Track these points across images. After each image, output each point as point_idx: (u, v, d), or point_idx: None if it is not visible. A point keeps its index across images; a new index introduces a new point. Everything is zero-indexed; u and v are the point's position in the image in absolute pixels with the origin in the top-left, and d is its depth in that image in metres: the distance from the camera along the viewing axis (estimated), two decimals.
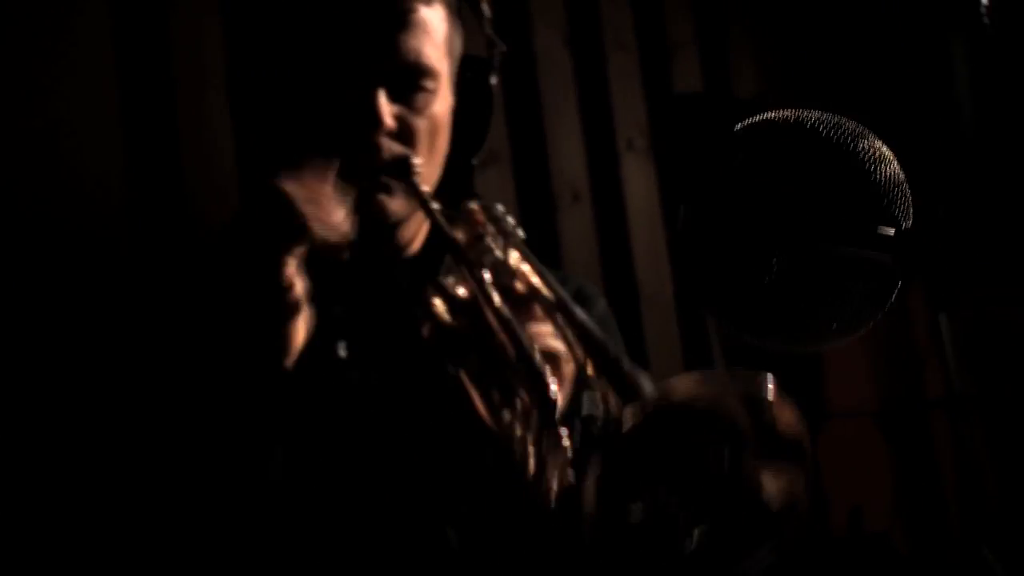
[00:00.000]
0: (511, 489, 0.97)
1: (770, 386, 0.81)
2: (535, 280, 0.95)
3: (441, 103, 1.10)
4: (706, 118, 2.29)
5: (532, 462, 0.86)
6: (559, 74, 2.16)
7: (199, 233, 1.63)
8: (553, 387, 0.85)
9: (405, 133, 1.06)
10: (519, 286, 0.96)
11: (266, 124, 1.16)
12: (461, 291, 0.96)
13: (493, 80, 1.15)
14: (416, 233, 1.16)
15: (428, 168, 1.06)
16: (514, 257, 0.98)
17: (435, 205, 1.02)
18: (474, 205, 1.04)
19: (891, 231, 0.59)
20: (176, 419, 0.99)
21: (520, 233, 1.02)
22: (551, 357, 0.92)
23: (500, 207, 1.05)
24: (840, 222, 0.58)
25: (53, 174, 1.54)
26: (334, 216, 0.90)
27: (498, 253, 0.99)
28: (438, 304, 0.97)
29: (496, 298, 0.92)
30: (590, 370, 0.89)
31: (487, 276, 0.94)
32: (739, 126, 0.63)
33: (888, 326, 2.83)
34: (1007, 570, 2.13)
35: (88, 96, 1.58)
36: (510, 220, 1.03)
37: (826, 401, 2.69)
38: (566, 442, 0.85)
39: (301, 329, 0.92)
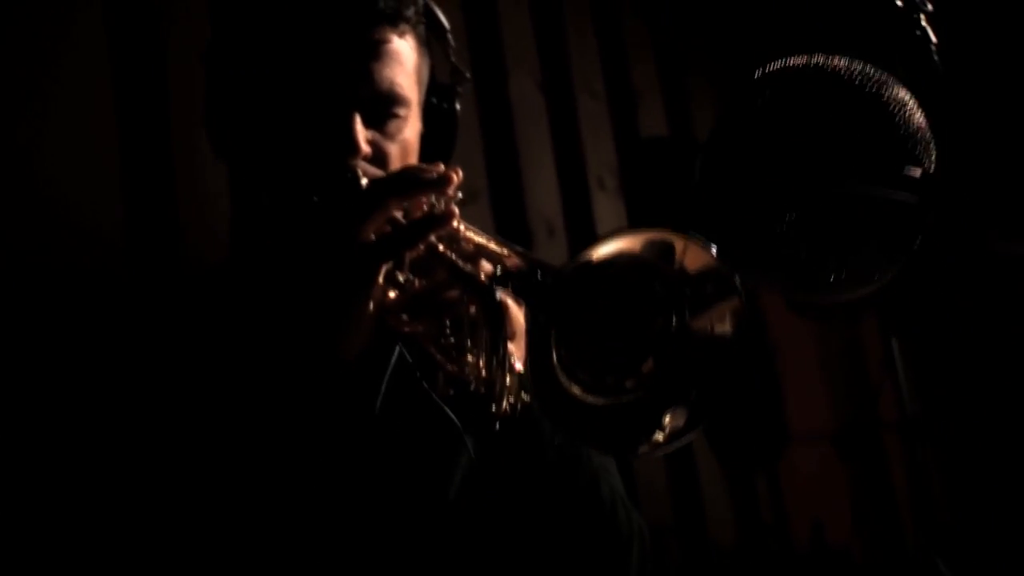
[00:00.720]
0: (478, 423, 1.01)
1: (678, 240, 0.82)
2: (479, 239, 0.98)
3: (411, 129, 1.13)
4: (670, 160, 2.42)
5: (495, 387, 0.91)
6: (534, 117, 2.27)
7: (194, 273, 1.64)
8: (499, 296, 0.89)
9: (379, 157, 1.08)
10: (465, 246, 0.98)
11: (248, 151, 1.16)
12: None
13: (457, 106, 1.19)
14: None
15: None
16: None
17: None
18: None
19: (917, 172, 0.61)
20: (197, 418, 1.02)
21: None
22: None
23: None
24: (868, 162, 0.57)
25: (53, 220, 1.57)
26: None
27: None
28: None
29: (442, 247, 0.97)
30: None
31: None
32: (760, 71, 0.67)
33: (842, 352, 2.97)
34: None
35: (86, 142, 1.62)
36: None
37: (786, 426, 2.77)
38: (518, 363, 0.91)
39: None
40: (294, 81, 1.07)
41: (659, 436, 0.84)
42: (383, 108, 1.08)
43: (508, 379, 0.91)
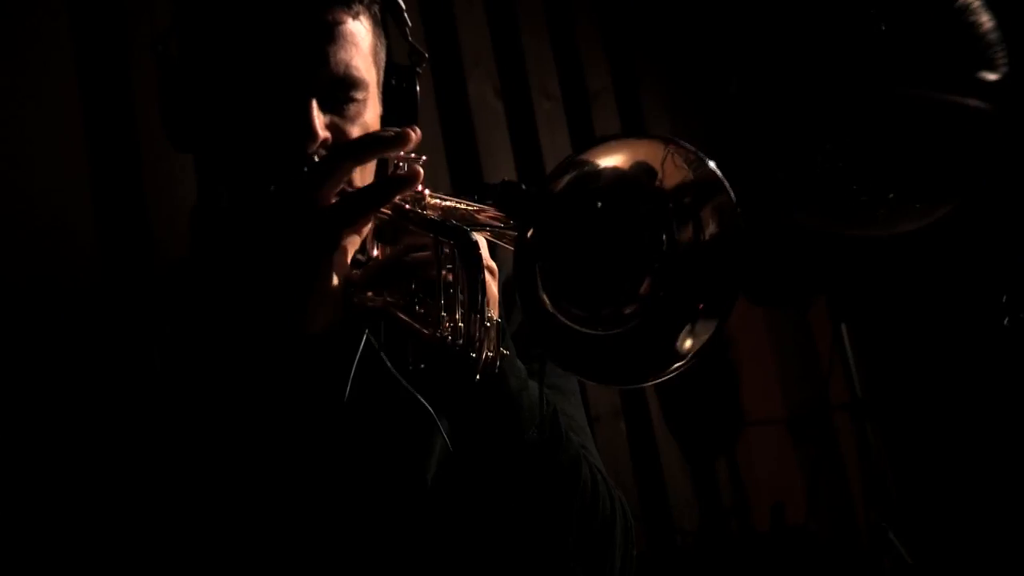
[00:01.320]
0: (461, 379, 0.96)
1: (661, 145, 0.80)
2: (448, 202, 0.95)
3: (371, 112, 1.10)
4: None
5: (474, 338, 0.87)
6: (493, 121, 2.32)
7: (159, 269, 1.64)
8: (474, 236, 0.85)
9: (338, 142, 1.05)
10: (433, 210, 0.95)
11: (204, 141, 1.11)
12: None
13: (417, 87, 1.16)
14: None
15: (362, 173, 1.04)
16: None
17: None
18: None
19: (993, 76, 0.58)
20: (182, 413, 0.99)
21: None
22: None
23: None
24: (940, 67, 0.54)
25: (27, 230, 1.56)
26: None
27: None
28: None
29: (408, 206, 0.94)
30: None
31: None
32: None
33: (793, 338, 3.06)
34: (909, 550, 2.33)
35: (58, 155, 1.62)
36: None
37: (742, 411, 2.88)
38: (494, 314, 0.88)
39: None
40: (247, 67, 1.03)
41: (674, 357, 0.81)
42: (340, 92, 1.05)
43: (486, 328, 0.87)
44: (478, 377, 0.88)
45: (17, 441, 1.34)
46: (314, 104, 1.01)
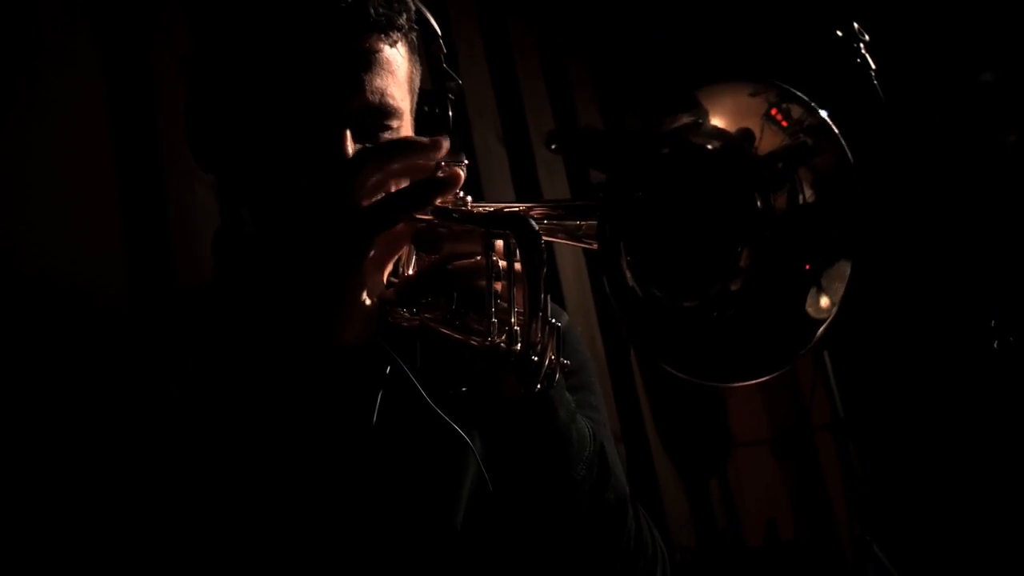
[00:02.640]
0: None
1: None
2: (494, 207, 0.87)
3: None
4: None
5: (535, 343, 0.77)
6: (496, 165, 2.47)
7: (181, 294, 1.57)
8: (535, 225, 0.75)
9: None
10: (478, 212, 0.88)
11: (231, 165, 1.07)
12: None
13: (450, 112, 1.12)
14: None
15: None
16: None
17: None
18: None
19: None
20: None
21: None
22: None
23: None
24: None
25: (57, 265, 1.58)
26: None
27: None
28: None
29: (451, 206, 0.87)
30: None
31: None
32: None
33: None
34: (891, 559, 2.42)
35: (89, 191, 1.67)
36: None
37: (731, 434, 3.01)
38: (552, 319, 0.78)
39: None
40: (281, 93, 0.98)
41: (814, 319, 0.71)
42: (375, 120, 1.00)
43: (550, 329, 0.78)
44: (539, 386, 0.79)
45: (38, 458, 1.30)
46: (348, 135, 0.97)
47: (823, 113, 0.70)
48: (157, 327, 1.08)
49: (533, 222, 0.76)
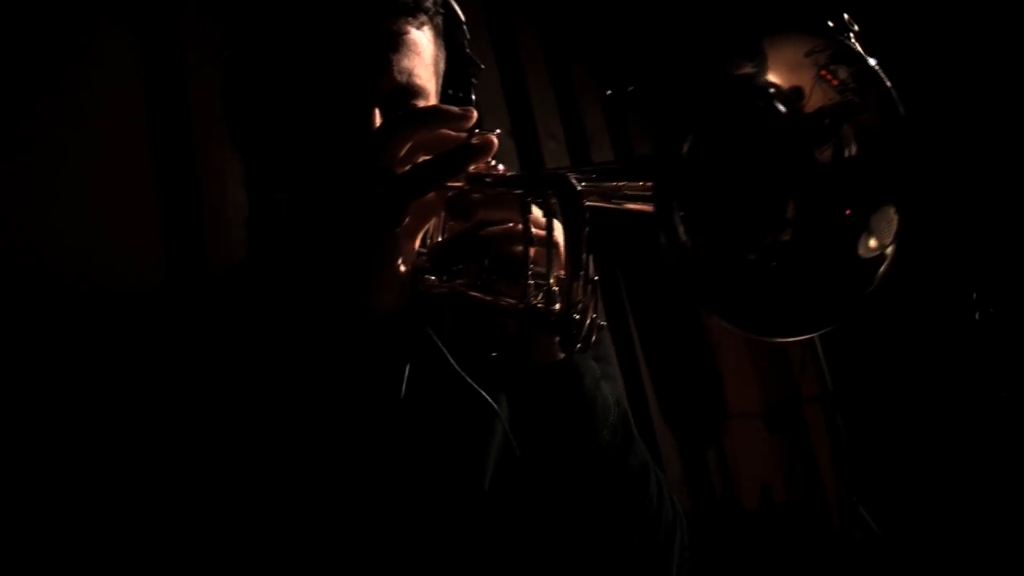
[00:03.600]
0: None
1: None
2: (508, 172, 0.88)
3: None
4: None
5: (576, 302, 0.76)
6: (505, 159, 2.58)
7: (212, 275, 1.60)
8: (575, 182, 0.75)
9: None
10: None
11: (265, 145, 1.08)
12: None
13: (473, 96, 1.14)
14: None
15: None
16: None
17: None
18: None
19: None
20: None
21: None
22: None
23: None
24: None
25: (97, 264, 1.63)
26: None
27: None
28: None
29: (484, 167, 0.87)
30: None
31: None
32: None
33: (769, 341, 3.30)
34: (875, 519, 2.61)
35: (127, 191, 1.72)
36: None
37: (726, 406, 3.13)
38: (592, 272, 0.77)
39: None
40: (311, 73, 1.00)
41: (873, 262, 0.70)
42: (402, 99, 1.01)
43: (592, 288, 0.77)
44: (580, 345, 0.78)
45: (75, 437, 1.27)
46: (377, 112, 0.99)
47: (874, 64, 0.70)
48: (190, 303, 1.09)
49: (574, 180, 0.76)
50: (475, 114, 0.88)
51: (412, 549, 0.96)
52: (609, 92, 2.63)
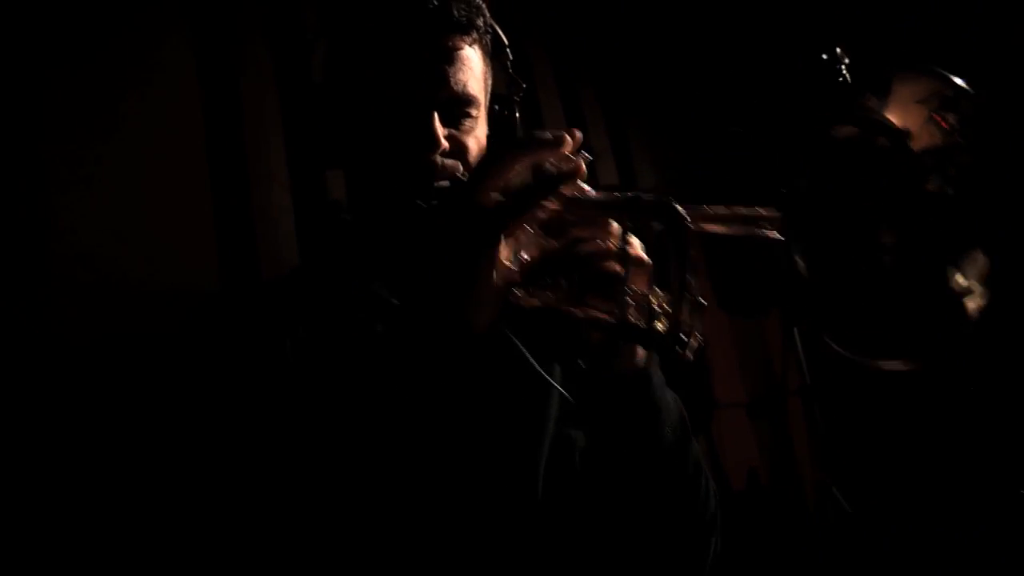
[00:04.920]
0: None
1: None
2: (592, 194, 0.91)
3: (481, 128, 1.16)
4: None
5: (678, 320, 0.78)
6: None
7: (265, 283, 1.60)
8: (677, 206, 0.77)
9: (456, 151, 1.11)
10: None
11: (343, 151, 1.17)
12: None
13: (518, 114, 1.23)
14: None
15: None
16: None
17: None
18: None
19: None
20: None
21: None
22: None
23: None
24: None
25: (156, 274, 1.75)
26: None
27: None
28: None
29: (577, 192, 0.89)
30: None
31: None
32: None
33: (752, 338, 3.47)
34: (850, 502, 2.69)
35: (185, 201, 1.86)
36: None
37: (713, 397, 3.31)
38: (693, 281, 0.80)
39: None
40: (383, 87, 1.10)
41: (955, 301, 0.64)
42: (458, 108, 1.11)
43: (700, 309, 0.80)
44: (690, 356, 0.81)
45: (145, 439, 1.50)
46: (436, 117, 1.09)
47: (984, 111, 0.65)
48: (264, 303, 1.12)
49: (679, 206, 0.79)
50: (570, 138, 0.91)
51: (465, 544, 0.97)
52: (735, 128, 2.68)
